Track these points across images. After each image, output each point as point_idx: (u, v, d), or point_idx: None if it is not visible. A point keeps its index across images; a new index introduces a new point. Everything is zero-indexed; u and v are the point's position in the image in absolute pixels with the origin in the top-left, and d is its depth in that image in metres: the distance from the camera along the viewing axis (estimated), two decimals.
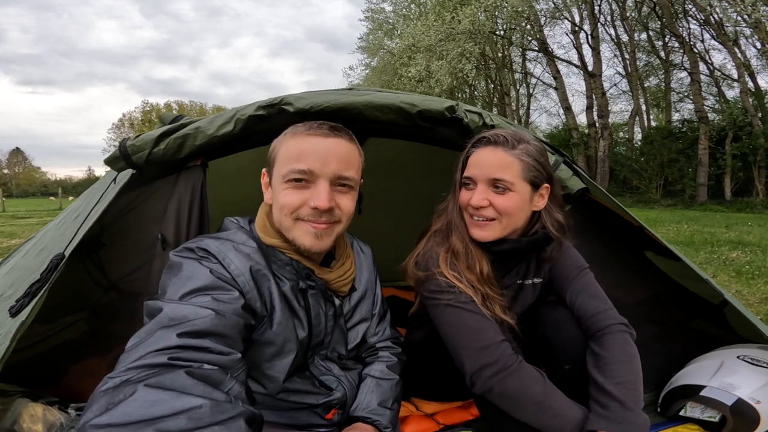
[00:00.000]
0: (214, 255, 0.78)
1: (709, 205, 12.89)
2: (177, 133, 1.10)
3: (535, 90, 24.72)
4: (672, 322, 1.57)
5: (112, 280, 1.26)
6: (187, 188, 1.16)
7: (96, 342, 1.27)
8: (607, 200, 1.46)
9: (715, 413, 1.20)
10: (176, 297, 0.69)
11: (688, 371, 1.32)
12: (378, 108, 1.17)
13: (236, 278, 0.77)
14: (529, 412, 0.91)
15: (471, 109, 1.27)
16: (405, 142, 1.44)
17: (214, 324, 0.64)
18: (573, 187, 1.30)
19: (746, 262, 3.89)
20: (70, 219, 1.37)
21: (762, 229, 6.64)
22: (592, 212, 1.45)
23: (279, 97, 1.13)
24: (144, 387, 0.50)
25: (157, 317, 0.63)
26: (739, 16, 12.83)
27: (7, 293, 1.19)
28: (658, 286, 1.57)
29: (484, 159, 1.01)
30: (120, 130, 55.90)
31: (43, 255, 1.23)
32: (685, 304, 1.58)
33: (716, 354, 1.35)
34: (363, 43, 25.61)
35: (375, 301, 1.09)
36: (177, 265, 0.76)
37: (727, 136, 13.90)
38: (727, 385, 1.20)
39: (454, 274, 0.99)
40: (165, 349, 0.57)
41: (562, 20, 17.92)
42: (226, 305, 0.70)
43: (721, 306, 1.58)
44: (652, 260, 1.57)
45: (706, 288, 1.50)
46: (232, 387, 0.59)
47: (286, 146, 0.85)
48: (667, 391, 1.31)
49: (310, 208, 0.82)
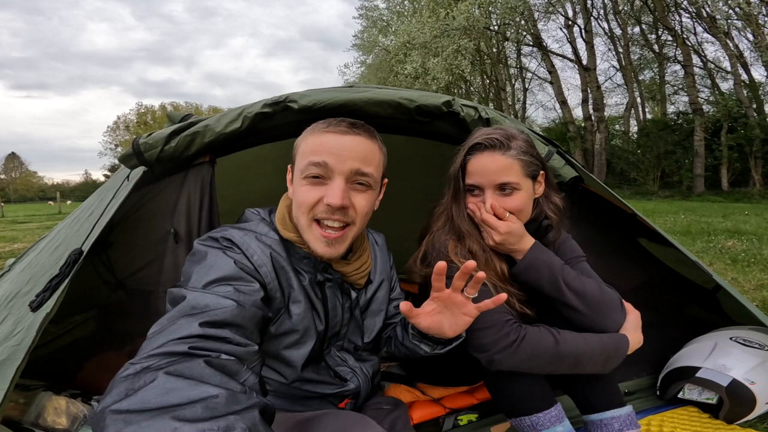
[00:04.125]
0: (237, 245, 0.79)
1: (706, 196, 12.96)
2: (187, 131, 1.14)
3: (531, 84, 24.76)
4: (667, 308, 1.61)
5: (120, 279, 1.29)
6: (197, 184, 1.20)
7: (109, 338, 1.31)
8: (600, 189, 1.50)
9: (713, 395, 1.23)
10: (199, 285, 0.69)
11: (683, 353, 1.35)
12: (377, 104, 1.21)
13: (259, 269, 0.78)
14: (552, 364, 0.96)
15: (467, 103, 1.31)
16: (404, 138, 1.48)
17: (234, 315, 0.65)
18: (566, 176, 1.34)
19: (742, 251, 3.93)
20: (84, 216, 1.40)
21: (759, 219, 6.68)
22: (586, 201, 1.49)
23: (284, 95, 1.17)
24: (164, 374, 0.50)
25: (180, 305, 0.64)
26: (730, 9, 12.88)
27: (25, 289, 1.22)
28: (653, 272, 1.61)
29: (484, 166, 1.02)
30: (115, 133, 55.73)
31: (60, 251, 1.26)
32: (679, 289, 1.62)
33: (710, 336, 1.39)
34: (358, 40, 25.61)
35: (393, 287, 1.11)
36: (201, 253, 0.76)
37: (722, 127, 13.97)
38: (721, 366, 1.23)
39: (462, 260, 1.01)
40: (186, 338, 0.58)
41: (555, 15, 17.94)
42: (246, 296, 0.70)
43: (714, 291, 1.62)
44: (645, 247, 1.62)
45: (700, 273, 1.54)
46: (247, 378, 0.59)
47: (306, 142, 0.86)
48: (665, 374, 1.34)
49: (325, 205, 0.81)
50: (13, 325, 1.04)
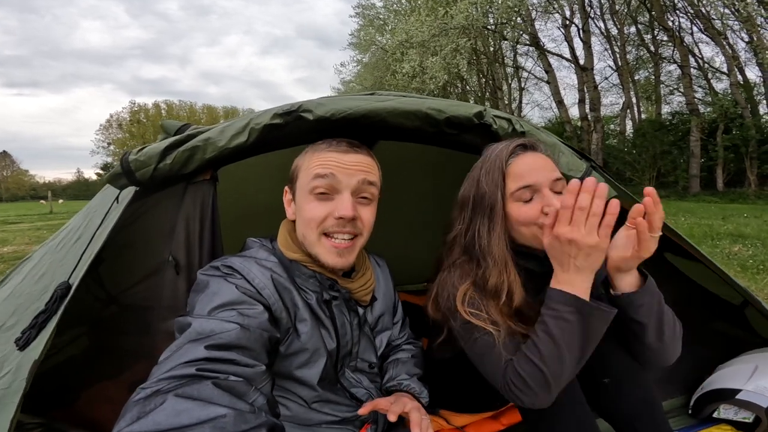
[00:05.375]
0: (238, 271, 0.81)
1: (702, 196, 13.05)
2: (185, 146, 1.01)
3: (527, 84, 24.83)
4: (695, 324, 1.55)
5: (112, 294, 1.19)
6: (196, 205, 1.07)
7: (104, 360, 1.21)
8: (630, 202, 1.43)
9: (749, 414, 1.20)
10: (204, 312, 0.71)
11: (721, 375, 1.30)
12: (403, 114, 1.10)
13: (261, 291, 0.80)
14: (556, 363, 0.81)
15: (499, 114, 1.20)
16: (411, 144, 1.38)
17: (239, 337, 0.67)
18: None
19: (749, 256, 3.89)
20: (70, 242, 1.28)
21: (758, 221, 6.69)
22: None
23: (297, 104, 1.06)
24: (173, 397, 0.52)
25: (187, 332, 0.66)
26: (727, 9, 12.94)
27: (9, 322, 1.12)
28: (680, 288, 1.55)
29: (533, 163, 0.93)
30: (108, 131, 55.34)
31: (45, 281, 1.16)
32: (706, 305, 1.56)
33: (749, 358, 1.34)
34: (354, 39, 25.51)
35: (396, 311, 1.14)
36: (204, 282, 0.79)
37: (718, 127, 14.07)
38: (763, 389, 1.19)
39: (472, 311, 0.92)
40: (193, 361, 0.60)
41: (553, 14, 17.97)
42: (251, 319, 0.72)
43: (741, 307, 1.56)
44: (671, 262, 1.55)
45: (727, 289, 1.48)
46: (256, 399, 0.60)
47: (309, 162, 0.88)
48: (700, 395, 1.30)
49: (335, 219, 0.84)
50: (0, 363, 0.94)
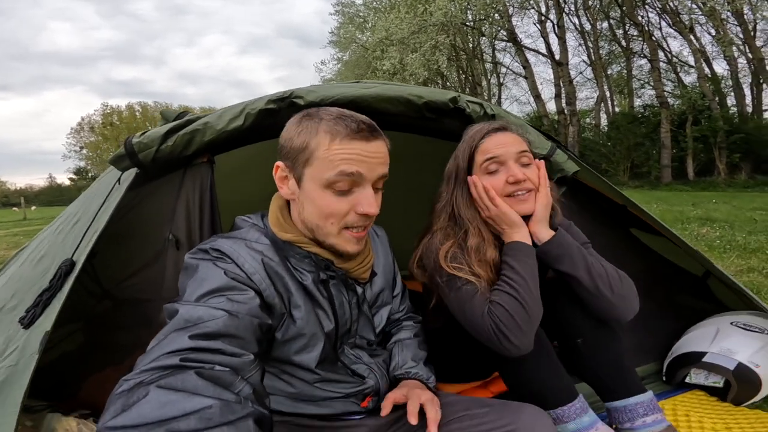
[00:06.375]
0: (228, 255, 0.78)
1: (674, 185, 13.53)
2: (185, 129, 1.07)
3: (506, 79, 25.21)
4: (661, 298, 1.65)
5: (106, 288, 1.21)
6: (195, 187, 1.13)
7: (99, 352, 1.23)
8: (597, 181, 1.53)
9: (719, 378, 1.26)
10: (192, 299, 0.69)
11: (687, 339, 1.38)
12: (387, 100, 1.18)
13: (251, 276, 0.77)
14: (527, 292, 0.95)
15: (472, 99, 1.30)
16: (402, 135, 1.45)
17: (227, 325, 0.65)
18: (569, 170, 1.35)
19: (716, 237, 4.10)
20: (69, 225, 1.30)
21: (727, 206, 7.01)
22: (582, 193, 1.51)
23: (289, 91, 1.12)
24: (156, 388, 0.51)
25: (174, 319, 0.65)
26: (694, 3, 13.43)
27: (10, 304, 1.13)
28: (645, 262, 1.64)
29: (502, 141, 1.06)
30: (80, 134, 53.39)
31: (45, 263, 1.18)
32: (671, 278, 1.66)
33: (710, 321, 1.42)
34: (334, 37, 25.39)
35: (395, 283, 1.11)
36: (192, 266, 0.76)
37: (687, 119, 14.60)
38: (726, 350, 1.26)
39: (454, 265, 1.02)
40: (177, 351, 0.58)
41: (529, 10, 18.28)
42: (240, 305, 0.70)
43: (704, 278, 1.67)
44: (637, 237, 1.65)
45: (690, 261, 1.59)
46: (242, 388, 0.59)
47: (329, 150, 0.78)
48: (670, 360, 1.37)
49: (358, 215, 0.81)
50: (4, 343, 0.96)
